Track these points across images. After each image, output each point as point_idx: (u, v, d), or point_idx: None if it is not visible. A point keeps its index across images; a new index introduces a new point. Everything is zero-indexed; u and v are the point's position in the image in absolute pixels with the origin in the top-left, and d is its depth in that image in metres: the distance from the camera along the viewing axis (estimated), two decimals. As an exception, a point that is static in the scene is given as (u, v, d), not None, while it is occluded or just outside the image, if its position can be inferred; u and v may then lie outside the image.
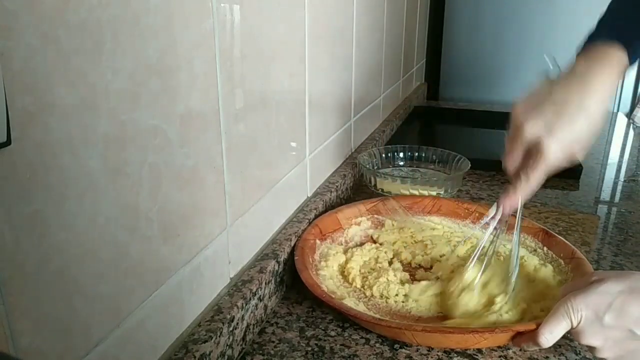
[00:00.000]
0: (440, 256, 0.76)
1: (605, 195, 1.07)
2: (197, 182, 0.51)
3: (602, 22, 0.65)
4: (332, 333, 0.62)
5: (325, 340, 0.60)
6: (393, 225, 0.83)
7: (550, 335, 0.51)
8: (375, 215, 0.84)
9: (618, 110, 1.81)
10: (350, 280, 0.70)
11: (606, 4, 0.72)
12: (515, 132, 0.59)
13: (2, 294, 0.32)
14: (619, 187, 1.11)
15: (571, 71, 0.59)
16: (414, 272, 0.74)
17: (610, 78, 0.58)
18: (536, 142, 0.57)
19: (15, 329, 0.33)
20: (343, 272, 0.72)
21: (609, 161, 1.28)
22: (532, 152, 0.58)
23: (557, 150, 0.56)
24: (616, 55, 0.58)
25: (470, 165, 0.99)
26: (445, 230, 0.83)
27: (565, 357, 0.58)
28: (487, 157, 1.17)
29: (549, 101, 0.57)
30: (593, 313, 0.49)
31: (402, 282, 0.70)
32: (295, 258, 0.67)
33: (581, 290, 0.51)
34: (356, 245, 0.78)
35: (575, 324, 0.50)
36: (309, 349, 0.59)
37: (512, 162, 0.61)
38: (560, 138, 0.56)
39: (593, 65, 0.58)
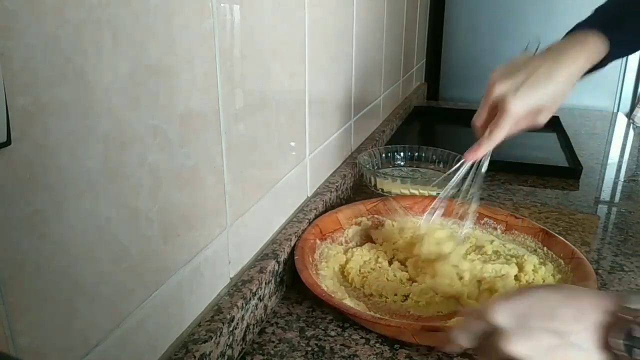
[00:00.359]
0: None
1: (605, 195, 1.07)
2: (197, 182, 0.51)
3: (593, 13, 0.70)
4: (332, 333, 0.62)
5: (325, 340, 0.60)
6: (393, 225, 0.83)
7: (462, 333, 0.46)
8: (376, 215, 0.84)
9: (618, 110, 1.81)
10: (350, 280, 0.70)
11: (601, 2, 0.73)
12: (487, 91, 0.63)
13: (2, 294, 0.32)
14: (619, 187, 1.11)
15: (550, 47, 0.65)
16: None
17: (582, 56, 0.63)
18: (502, 99, 0.61)
19: (15, 329, 0.33)
20: (343, 272, 0.72)
21: (609, 161, 1.28)
22: (498, 110, 0.62)
23: (519, 109, 0.60)
24: (594, 41, 0.63)
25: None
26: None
27: None
28: (487, 157, 1.17)
29: (522, 68, 0.62)
30: (517, 318, 0.42)
31: (402, 282, 0.70)
32: (295, 258, 0.67)
33: (506, 297, 0.45)
34: (356, 245, 0.78)
35: (495, 328, 0.43)
36: (309, 349, 0.59)
37: (479, 118, 0.65)
38: (523, 98, 0.60)
39: (570, 44, 0.64)
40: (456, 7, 1.83)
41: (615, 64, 1.85)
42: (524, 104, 0.61)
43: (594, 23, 0.65)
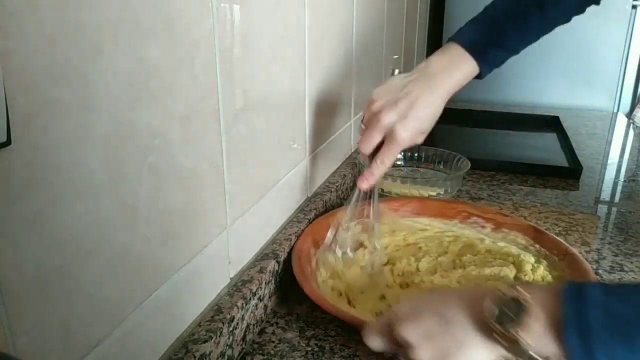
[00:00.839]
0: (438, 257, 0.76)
1: (605, 195, 1.07)
2: (197, 182, 0.51)
3: (471, 22, 0.78)
4: (332, 333, 0.62)
5: (325, 340, 0.60)
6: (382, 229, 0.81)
7: (370, 332, 0.50)
8: (365, 219, 0.82)
9: (618, 110, 1.81)
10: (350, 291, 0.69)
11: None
12: (372, 120, 0.67)
13: (2, 294, 0.32)
14: (619, 187, 1.11)
15: (426, 67, 0.72)
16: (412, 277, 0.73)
17: (453, 81, 0.70)
18: (390, 129, 0.66)
19: (15, 329, 0.33)
20: (341, 281, 0.71)
21: (609, 161, 1.28)
22: (386, 138, 0.67)
23: (406, 137, 0.66)
24: (468, 63, 0.71)
25: (470, 165, 0.99)
26: (436, 231, 0.83)
27: None
28: (487, 157, 1.17)
29: (403, 96, 0.67)
30: (412, 308, 0.48)
31: (402, 287, 0.69)
32: (295, 270, 0.65)
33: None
34: (350, 251, 0.77)
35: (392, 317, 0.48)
36: (309, 349, 0.59)
37: (368, 146, 0.68)
38: (410, 128, 0.66)
39: (446, 68, 0.71)
40: (456, 7, 1.83)
41: (615, 64, 1.84)
42: (411, 134, 0.67)
43: (464, 42, 0.73)
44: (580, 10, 0.79)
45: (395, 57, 0.70)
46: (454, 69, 0.71)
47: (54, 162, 0.34)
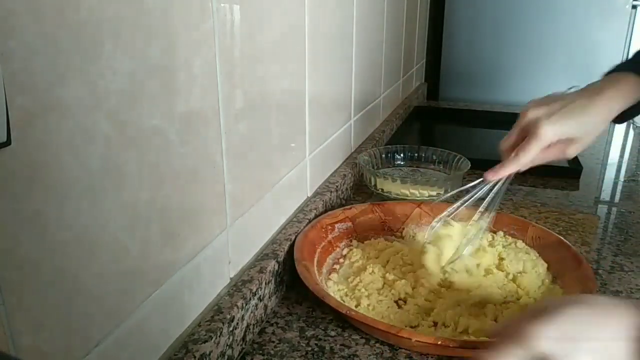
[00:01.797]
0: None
1: (605, 195, 1.07)
2: (197, 182, 0.51)
3: (632, 57, 0.71)
4: (332, 333, 0.62)
5: (325, 340, 0.60)
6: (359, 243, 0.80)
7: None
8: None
9: (618, 110, 1.81)
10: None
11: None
12: (519, 117, 0.64)
13: (2, 294, 0.32)
14: (619, 187, 1.11)
15: (587, 86, 0.66)
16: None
17: (618, 96, 0.64)
18: (534, 124, 0.61)
19: (15, 329, 0.33)
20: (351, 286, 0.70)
21: (609, 161, 1.28)
22: (528, 133, 0.62)
23: (549, 133, 0.60)
24: (628, 82, 0.65)
25: (470, 165, 0.99)
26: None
27: None
28: (487, 157, 1.16)
29: (558, 99, 0.63)
30: (562, 342, 0.41)
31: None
32: (302, 276, 0.64)
33: (541, 317, 0.43)
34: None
35: (538, 356, 0.41)
36: (309, 349, 0.59)
37: (507, 140, 0.65)
38: (555, 124, 0.60)
39: (606, 84, 0.65)
40: (456, 7, 1.83)
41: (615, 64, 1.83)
42: (555, 130, 0.61)
43: (630, 66, 0.66)
44: None
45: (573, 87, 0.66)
46: (618, 83, 0.65)
47: (54, 162, 0.34)
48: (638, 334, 0.40)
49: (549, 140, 0.61)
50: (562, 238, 0.76)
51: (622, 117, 0.67)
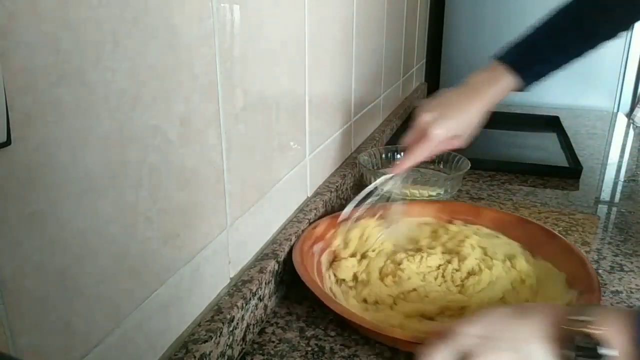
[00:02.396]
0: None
1: (605, 195, 1.07)
2: (197, 182, 0.51)
3: (513, 44, 0.84)
4: (332, 333, 0.62)
5: (325, 340, 0.60)
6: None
7: (431, 358, 0.47)
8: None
9: (618, 110, 1.81)
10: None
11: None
12: (415, 119, 0.78)
13: (2, 294, 0.32)
14: (619, 187, 1.11)
15: (468, 81, 0.81)
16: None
17: (491, 93, 0.79)
18: (426, 127, 0.76)
19: (15, 329, 0.33)
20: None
21: (609, 161, 1.28)
22: (423, 135, 0.77)
23: (437, 135, 0.76)
24: (504, 79, 0.79)
25: (470, 165, 0.99)
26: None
27: None
28: (487, 157, 1.17)
29: (444, 102, 0.79)
30: (481, 339, 0.46)
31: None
32: (302, 277, 0.63)
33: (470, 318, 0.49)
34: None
35: (461, 350, 0.46)
36: (309, 349, 0.59)
37: (407, 140, 0.79)
38: (441, 127, 0.76)
39: (485, 80, 0.80)
40: (456, 7, 1.83)
41: (615, 64, 1.84)
42: (441, 132, 0.76)
43: (507, 58, 0.80)
44: (625, 27, 0.82)
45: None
46: (494, 82, 0.79)
47: (54, 162, 0.34)
48: (555, 332, 0.44)
49: (437, 140, 0.76)
50: (517, 215, 0.84)
51: None
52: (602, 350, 0.41)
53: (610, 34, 0.81)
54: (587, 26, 0.80)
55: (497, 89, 0.79)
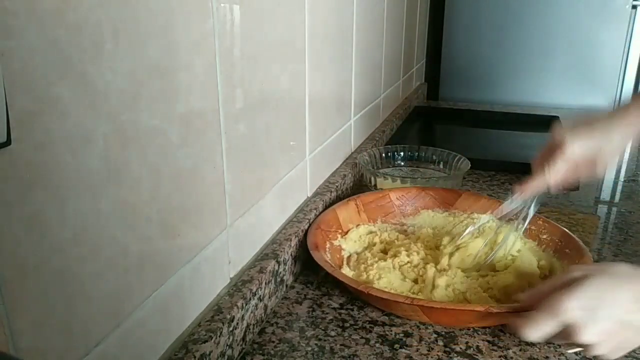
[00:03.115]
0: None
1: (605, 195, 1.07)
2: (197, 182, 0.51)
3: None
4: (332, 333, 0.62)
5: (325, 340, 0.60)
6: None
7: (536, 332, 0.52)
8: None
9: (618, 110, 1.81)
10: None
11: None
12: (551, 136, 0.68)
13: (2, 294, 0.32)
14: (619, 187, 1.11)
15: (620, 106, 0.71)
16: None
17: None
18: (560, 141, 0.66)
19: (15, 329, 0.33)
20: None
21: (609, 161, 1.28)
22: (555, 148, 0.67)
23: (573, 150, 0.65)
24: None
25: (470, 165, 0.99)
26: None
27: (566, 357, 0.58)
28: (487, 157, 1.17)
29: (587, 118, 0.68)
30: (584, 311, 0.50)
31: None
32: (320, 258, 0.66)
33: (568, 287, 0.51)
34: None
35: (566, 323, 0.50)
36: (309, 349, 0.59)
37: (537, 157, 0.69)
38: (578, 142, 0.65)
39: (634, 103, 0.68)
40: (456, 7, 1.83)
41: (615, 64, 1.84)
42: (578, 146, 0.65)
43: None
44: None
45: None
46: None
47: (54, 162, 0.34)
48: None
49: (573, 155, 0.65)
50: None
51: None
52: None
53: None
54: None
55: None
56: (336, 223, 0.79)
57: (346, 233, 0.80)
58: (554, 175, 0.66)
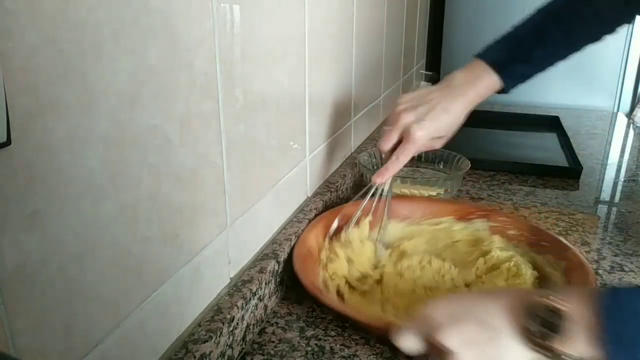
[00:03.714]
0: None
1: (605, 195, 1.07)
2: (197, 182, 0.51)
3: (495, 42, 0.81)
4: (332, 333, 0.62)
5: (325, 340, 0.60)
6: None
7: (403, 338, 0.49)
8: (377, 216, 0.81)
9: (618, 110, 1.81)
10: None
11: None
12: (393, 120, 0.74)
13: (2, 294, 0.32)
14: (619, 187, 1.11)
15: (449, 80, 0.77)
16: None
17: (473, 93, 0.76)
18: (407, 129, 0.72)
19: (15, 329, 0.33)
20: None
21: (609, 161, 1.28)
22: (403, 137, 0.73)
23: (421, 137, 0.72)
24: (486, 78, 0.77)
25: (470, 165, 0.99)
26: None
27: None
28: (487, 157, 1.17)
29: (425, 102, 0.74)
30: (450, 313, 0.47)
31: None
32: (304, 280, 0.63)
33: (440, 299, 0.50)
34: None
35: (428, 327, 0.47)
36: (309, 349, 0.59)
37: (387, 143, 0.74)
38: (425, 128, 0.72)
39: (465, 80, 0.76)
40: (456, 7, 1.83)
41: (615, 64, 1.84)
42: (425, 133, 0.72)
43: (487, 58, 0.78)
44: (610, 29, 0.81)
45: (428, 73, 0.73)
46: (476, 81, 0.76)
47: (54, 162, 0.34)
48: (517, 309, 0.44)
49: (421, 142, 0.72)
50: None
51: None
52: (562, 322, 0.41)
53: (596, 36, 0.80)
54: (572, 27, 0.79)
55: (480, 89, 0.76)
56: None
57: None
58: (405, 161, 0.73)
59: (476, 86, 0.76)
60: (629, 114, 1.79)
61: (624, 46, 1.74)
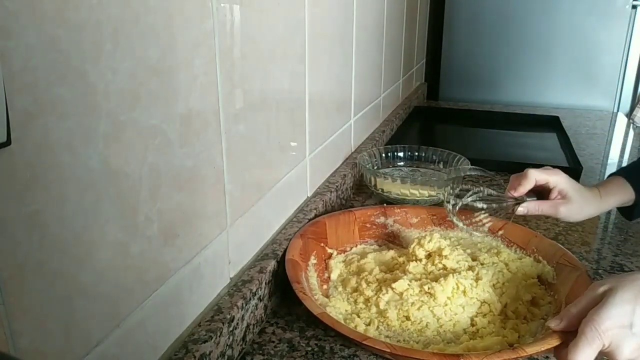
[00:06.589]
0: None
1: (605, 195, 1.07)
2: (197, 182, 0.51)
3: (629, 165, 0.81)
4: (332, 333, 0.62)
5: (325, 340, 0.60)
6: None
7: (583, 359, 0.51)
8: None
9: (618, 110, 1.82)
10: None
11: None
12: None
13: (2, 294, 0.32)
14: (619, 187, 1.11)
15: (590, 189, 0.76)
16: None
17: (613, 201, 0.76)
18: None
19: (15, 329, 0.33)
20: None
21: (609, 161, 1.28)
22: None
23: (533, 174, 0.74)
24: (622, 190, 0.76)
25: (470, 165, 0.99)
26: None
27: None
28: (487, 157, 1.17)
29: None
30: (621, 328, 0.49)
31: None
32: (295, 286, 0.62)
33: (599, 307, 0.51)
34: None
35: (607, 344, 0.50)
36: (309, 349, 0.59)
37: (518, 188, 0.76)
38: (540, 170, 0.75)
39: (603, 193, 0.75)
40: (456, 7, 1.83)
41: (615, 64, 1.84)
42: (538, 173, 0.74)
43: (625, 174, 0.77)
44: None
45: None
46: (610, 194, 0.76)
47: (54, 162, 0.34)
48: None
49: (532, 178, 0.74)
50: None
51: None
52: None
53: None
54: None
55: (613, 200, 0.76)
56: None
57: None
58: (522, 190, 0.75)
59: (613, 197, 0.76)
60: (629, 114, 1.79)
61: (624, 46, 1.74)
